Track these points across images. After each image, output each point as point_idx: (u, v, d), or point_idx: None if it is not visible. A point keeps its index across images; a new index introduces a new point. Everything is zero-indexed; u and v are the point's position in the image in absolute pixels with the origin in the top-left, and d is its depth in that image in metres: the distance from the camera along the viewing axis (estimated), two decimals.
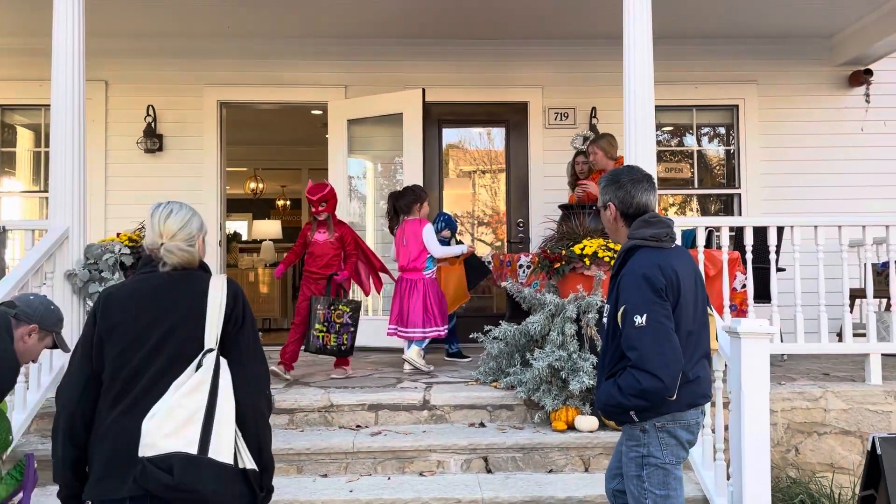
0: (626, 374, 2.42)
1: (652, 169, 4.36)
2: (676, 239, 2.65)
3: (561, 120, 6.95)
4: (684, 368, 2.43)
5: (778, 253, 4.58)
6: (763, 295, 4.92)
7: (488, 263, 6.04)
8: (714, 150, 7.36)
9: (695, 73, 6.95)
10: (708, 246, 5.15)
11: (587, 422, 3.97)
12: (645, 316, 2.39)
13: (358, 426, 4.15)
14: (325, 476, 3.78)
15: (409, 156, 6.44)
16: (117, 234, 4.66)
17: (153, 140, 6.73)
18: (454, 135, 7.31)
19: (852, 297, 5.51)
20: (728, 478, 3.44)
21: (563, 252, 4.50)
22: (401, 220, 5.35)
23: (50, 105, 4.44)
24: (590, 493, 3.51)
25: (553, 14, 6.26)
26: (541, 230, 6.39)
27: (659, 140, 7.07)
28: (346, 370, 5.06)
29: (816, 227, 4.54)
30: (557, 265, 4.49)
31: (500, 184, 7.24)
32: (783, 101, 7.01)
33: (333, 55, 6.87)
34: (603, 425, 3.97)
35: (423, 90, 6.47)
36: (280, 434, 3.90)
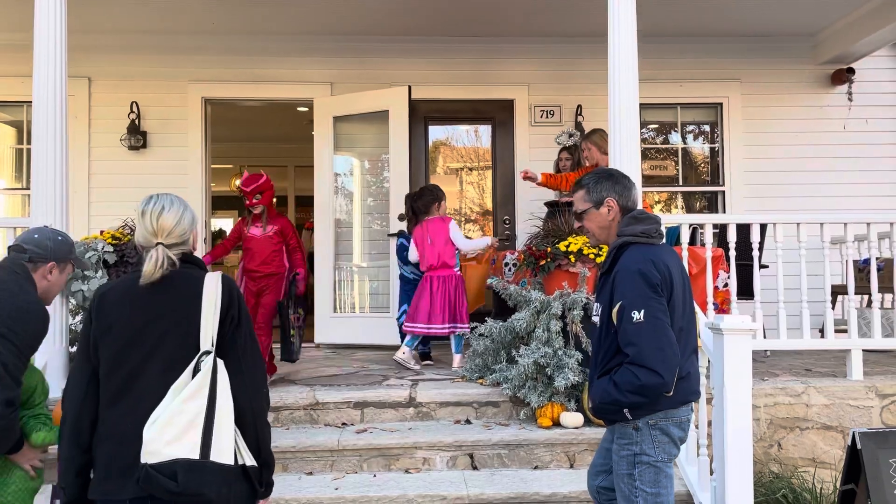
0: (624, 371, 2.40)
1: (637, 166, 4.39)
2: (664, 236, 2.67)
3: (547, 118, 6.97)
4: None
5: (761, 250, 4.62)
6: (746, 291, 4.96)
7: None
8: (699, 148, 7.40)
9: (679, 71, 6.98)
10: (692, 243, 5.18)
11: (572, 418, 3.99)
12: (643, 311, 2.38)
13: (344, 424, 4.14)
14: (310, 474, 3.77)
15: (396, 153, 6.43)
16: (101, 232, 4.63)
17: (137, 137, 6.68)
18: (441, 132, 7.30)
19: (834, 294, 5.58)
20: (711, 473, 3.48)
21: (549, 249, 4.52)
22: (419, 220, 5.30)
23: (32, 101, 4.40)
24: (574, 489, 3.53)
25: (539, 11, 6.27)
26: (527, 227, 6.41)
27: (644, 138, 7.10)
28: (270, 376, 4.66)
29: (799, 224, 4.58)
30: (543, 262, 4.51)
31: (486, 181, 7.25)
32: (766, 99, 7.06)
33: (319, 52, 6.85)
34: (588, 422, 4.00)
35: (409, 87, 6.46)
36: None
